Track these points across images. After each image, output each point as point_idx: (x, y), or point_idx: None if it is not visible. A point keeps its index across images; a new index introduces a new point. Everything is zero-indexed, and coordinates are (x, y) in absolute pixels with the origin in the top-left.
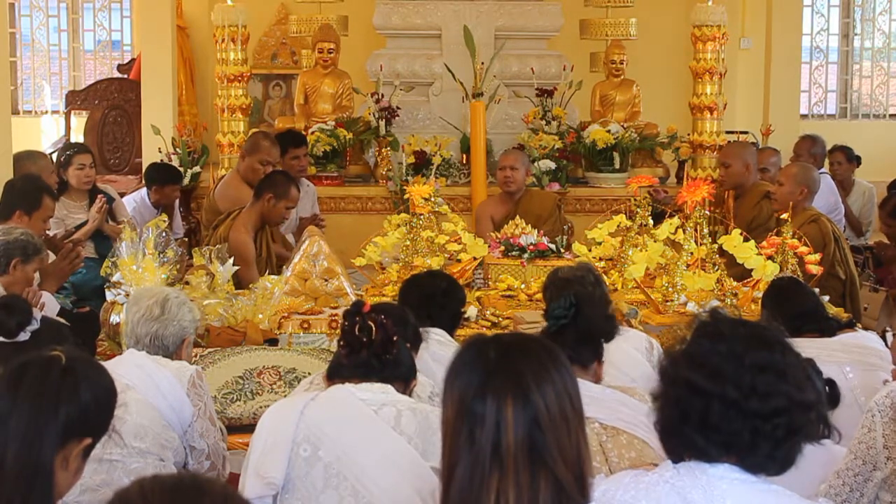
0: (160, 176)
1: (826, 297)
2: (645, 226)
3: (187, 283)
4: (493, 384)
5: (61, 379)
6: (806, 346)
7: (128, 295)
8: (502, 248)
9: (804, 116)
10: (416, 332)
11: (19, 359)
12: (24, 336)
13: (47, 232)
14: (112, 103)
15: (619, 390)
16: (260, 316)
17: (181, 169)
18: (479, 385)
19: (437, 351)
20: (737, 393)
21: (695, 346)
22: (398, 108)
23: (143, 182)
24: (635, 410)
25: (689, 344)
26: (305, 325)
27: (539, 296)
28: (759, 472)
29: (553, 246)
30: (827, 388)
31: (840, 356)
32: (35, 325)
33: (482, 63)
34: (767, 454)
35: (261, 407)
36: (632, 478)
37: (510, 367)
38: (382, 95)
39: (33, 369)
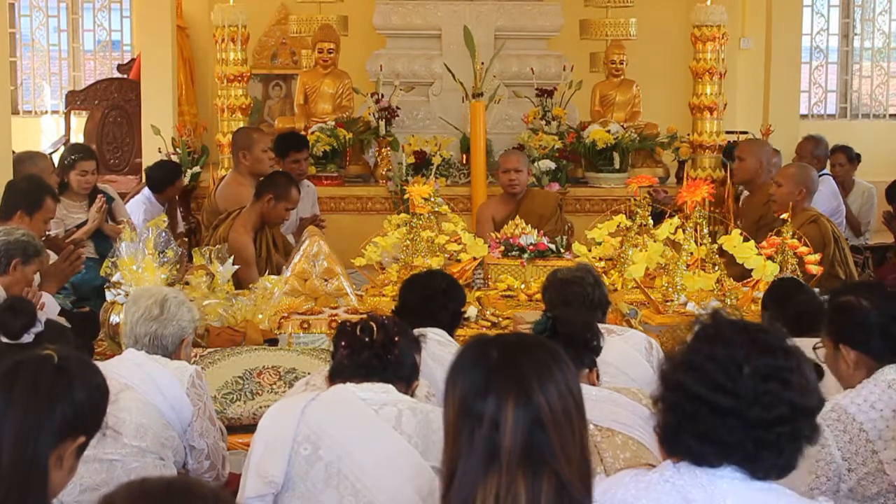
0: (168, 175)
1: (826, 298)
2: (645, 226)
3: (187, 283)
4: (496, 384)
5: (55, 378)
6: (807, 347)
7: (128, 295)
8: (502, 248)
9: (804, 116)
10: (416, 341)
11: (12, 359)
12: (27, 338)
13: (48, 232)
14: (112, 103)
15: (614, 390)
16: (260, 316)
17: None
18: (482, 385)
19: (436, 351)
20: (736, 402)
21: (694, 353)
22: (398, 108)
23: (149, 185)
24: (630, 410)
25: (689, 349)
26: (305, 325)
27: (539, 296)
28: (761, 477)
29: (553, 246)
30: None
31: None
32: (39, 328)
33: (482, 63)
34: (772, 463)
35: (261, 407)
36: (632, 477)
37: (512, 366)
38: (382, 95)
39: (26, 369)
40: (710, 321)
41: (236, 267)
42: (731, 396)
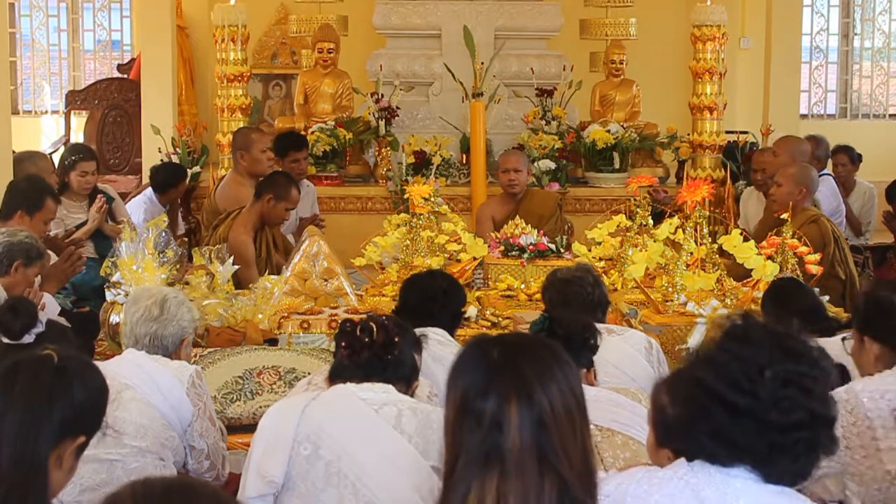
0: (171, 178)
1: (826, 297)
2: (645, 226)
3: (187, 283)
4: (496, 384)
5: (55, 378)
6: None
7: (128, 295)
8: (502, 248)
9: (804, 116)
10: (417, 339)
11: (11, 359)
12: (28, 338)
13: (48, 233)
14: (112, 103)
15: (614, 390)
16: (260, 316)
17: None
18: (482, 385)
19: (436, 351)
20: (753, 404)
21: (718, 350)
22: (398, 108)
23: (152, 185)
24: (630, 410)
25: (714, 346)
26: (305, 325)
27: (539, 296)
28: (774, 481)
29: (553, 246)
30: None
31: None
32: (40, 328)
33: (482, 63)
34: (786, 468)
35: (260, 407)
36: (645, 473)
37: (513, 366)
38: (382, 95)
39: (26, 369)
40: (741, 321)
41: (236, 267)
42: (749, 398)
